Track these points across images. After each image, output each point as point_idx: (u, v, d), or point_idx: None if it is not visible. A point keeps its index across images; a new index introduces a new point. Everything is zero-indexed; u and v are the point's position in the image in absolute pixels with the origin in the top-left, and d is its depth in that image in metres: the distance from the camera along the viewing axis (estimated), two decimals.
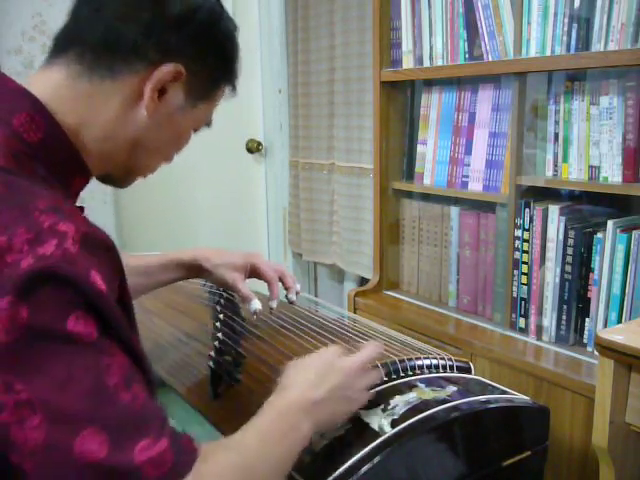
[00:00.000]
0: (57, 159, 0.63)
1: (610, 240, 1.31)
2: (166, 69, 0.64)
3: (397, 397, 0.83)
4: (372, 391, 0.82)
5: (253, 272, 1.10)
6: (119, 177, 0.73)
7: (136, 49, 0.64)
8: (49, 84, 0.64)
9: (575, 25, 1.33)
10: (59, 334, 0.50)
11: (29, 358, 0.49)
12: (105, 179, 0.73)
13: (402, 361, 0.92)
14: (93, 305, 0.52)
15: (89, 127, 0.65)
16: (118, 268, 0.59)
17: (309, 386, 0.72)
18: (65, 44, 0.66)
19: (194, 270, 1.09)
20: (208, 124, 0.77)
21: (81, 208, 0.68)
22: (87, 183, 0.69)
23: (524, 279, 1.48)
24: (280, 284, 1.11)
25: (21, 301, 0.49)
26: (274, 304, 1.09)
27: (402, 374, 0.91)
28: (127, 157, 0.69)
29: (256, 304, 1.05)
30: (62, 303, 0.51)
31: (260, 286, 1.14)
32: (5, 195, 0.54)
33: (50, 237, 0.51)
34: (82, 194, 0.68)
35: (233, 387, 0.96)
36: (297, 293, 1.13)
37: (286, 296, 1.12)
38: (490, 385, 0.93)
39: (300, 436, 0.68)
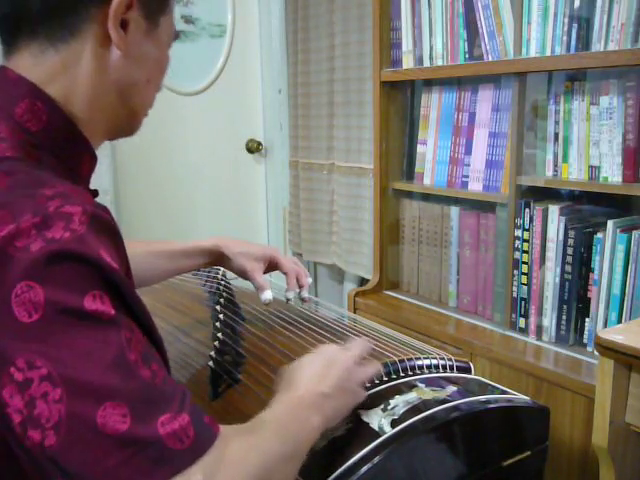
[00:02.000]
0: (62, 143, 0.63)
1: (610, 240, 1.31)
2: (118, 1, 0.63)
3: (397, 397, 0.83)
4: (371, 390, 0.82)
5: (272, 265, 1.15)
6: (125, 126, 0.73)
7: None
8: (21, 72, 0.63)
9: (575, 25, 1.33)
10: (77, 313, 0.51)
11: (49, 336, 0.50)
12: (114, 135, 0.73)
13: (402, 361, 0.92)
14: (108, 282, 0.53)
15: (76, 95, 0.64)
16: (123, 255, 0.59)
17: (317, 380, 0.73)
18: (11, 29, 0.64)
19: (215, 257, 1.13)
20: (176, 36, 0.77)
21: (94, 191, 0.68)
22: (96, 163, 0.69)
23: (524, 279, 1.48)
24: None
25: (36, 283, 0.50)
26: (291, 295, 1.13)
27: (402, 374, 0.91)
28: (122, 103, 0.69)
29: (268, 294, 1.09)
30: (77, 282, 0.51)
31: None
32: (14, 185, 0.55)
33: (57, 220, 0.52)
34: None
35: (233, 387, 0.96)
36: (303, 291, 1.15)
37: (299, 294, 1.15)
38: (490, 385, 0.93)
39: (312, 430, 0.68)
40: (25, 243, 0.51)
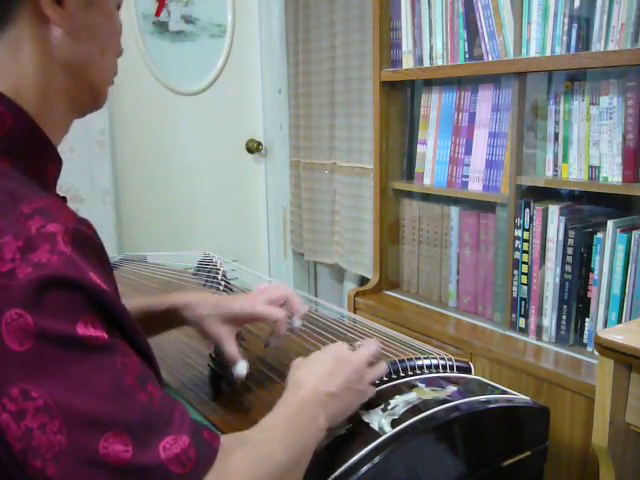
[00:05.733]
0: (28, 148, 0.59)
1: (610, 240, 1.31)
2: None
3: (397, 397, 0.84)
4: (377, 388, 0.82)
5: (254, 319, 0.94)
6: (88, 102, 0.67)
7: None
8: None
9: (575, 25, 1.33)
10: (70, 341, 0.49)
11: (43, 365, 0.48)
12: (78, 114, 0.68)
13: (402, 361, 0.93)
14: (100, 305, 0.51)
15: (25, 86, 0.59)
16: (109, 272, 0.57)
17: (324, 380, 0.74)
18: None
19: (174, 320, 0.93)
20: None
21: (63, 198, 0.66)
22: (61, 168, 0.65)
23: (524, 279, 1.48)
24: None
25: (26, 311, 0.48)
26: (273, 342, 0.95)
27: (402, 374, 0.91)
28: (77, 82, 0.63)
29: (241, 369, 0.89)
30: (68, 309, 0.50)
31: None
32: None
33: (40, 242, 0.50)
34: (82, 194, 0.67)
35: (233, 387, 0.96)
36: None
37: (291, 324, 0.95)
38: (490, 385, 0.93)
39: (317, 429, 0.69)
40: (10, 268, 0.48)
